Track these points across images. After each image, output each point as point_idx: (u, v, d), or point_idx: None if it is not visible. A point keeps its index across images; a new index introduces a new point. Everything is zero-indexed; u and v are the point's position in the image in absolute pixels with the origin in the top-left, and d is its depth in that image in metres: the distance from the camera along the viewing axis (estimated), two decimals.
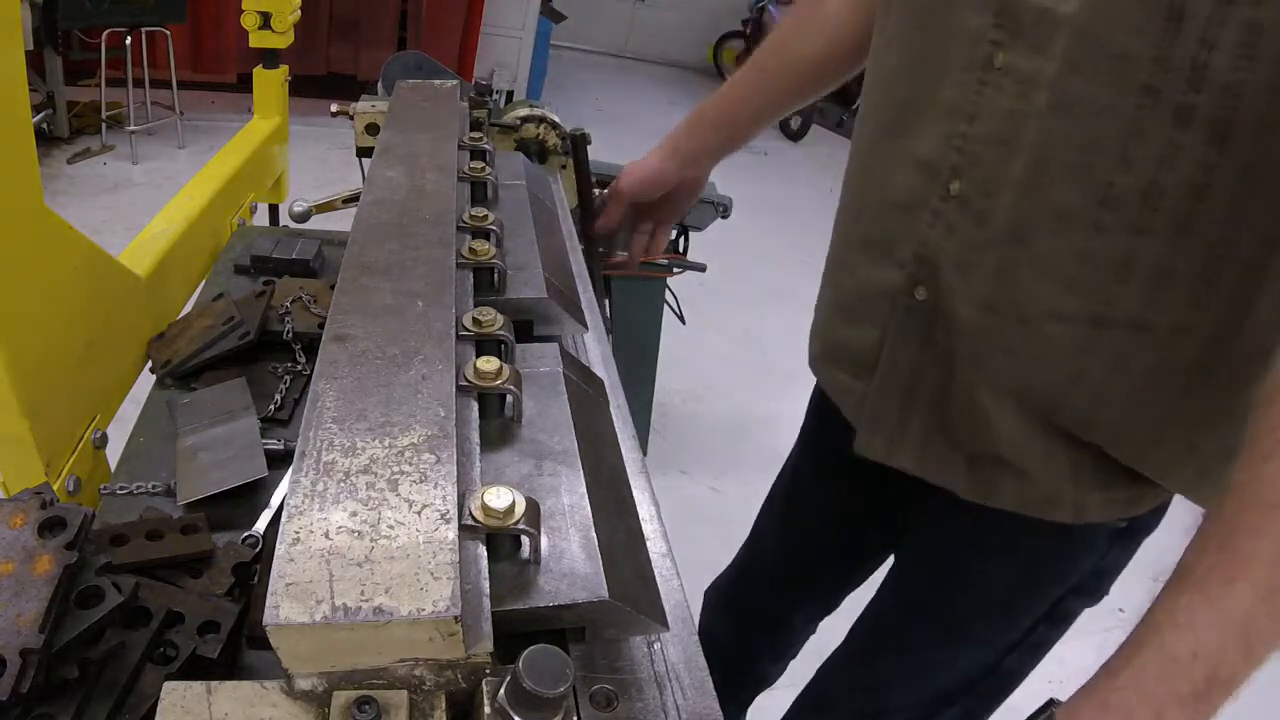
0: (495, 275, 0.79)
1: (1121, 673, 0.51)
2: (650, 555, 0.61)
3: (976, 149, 0.73)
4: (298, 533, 0.43)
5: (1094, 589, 0.89)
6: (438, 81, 1.22)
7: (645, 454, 0.89)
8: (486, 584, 0.46)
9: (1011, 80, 0.69)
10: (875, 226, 0.85)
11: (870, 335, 0.86)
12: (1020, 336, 0.73)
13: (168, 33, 3.96)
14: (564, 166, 1.47)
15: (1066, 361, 0.71)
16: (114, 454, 0.86)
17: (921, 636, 0.97)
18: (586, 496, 0.55)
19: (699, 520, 1.52)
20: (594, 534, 0.52)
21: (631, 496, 0.66)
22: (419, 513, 0.45)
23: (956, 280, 0.76)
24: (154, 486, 0.76)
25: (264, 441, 0.78)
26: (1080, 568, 0.86)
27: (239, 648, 0.59)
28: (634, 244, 1.32)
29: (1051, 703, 0.55)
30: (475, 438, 0.57)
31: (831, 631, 1.17)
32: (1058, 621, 0.91)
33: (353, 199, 1.44)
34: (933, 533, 0.96)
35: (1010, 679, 0.96)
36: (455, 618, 0.40)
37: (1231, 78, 0.58)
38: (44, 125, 3.83)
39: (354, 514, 0.44)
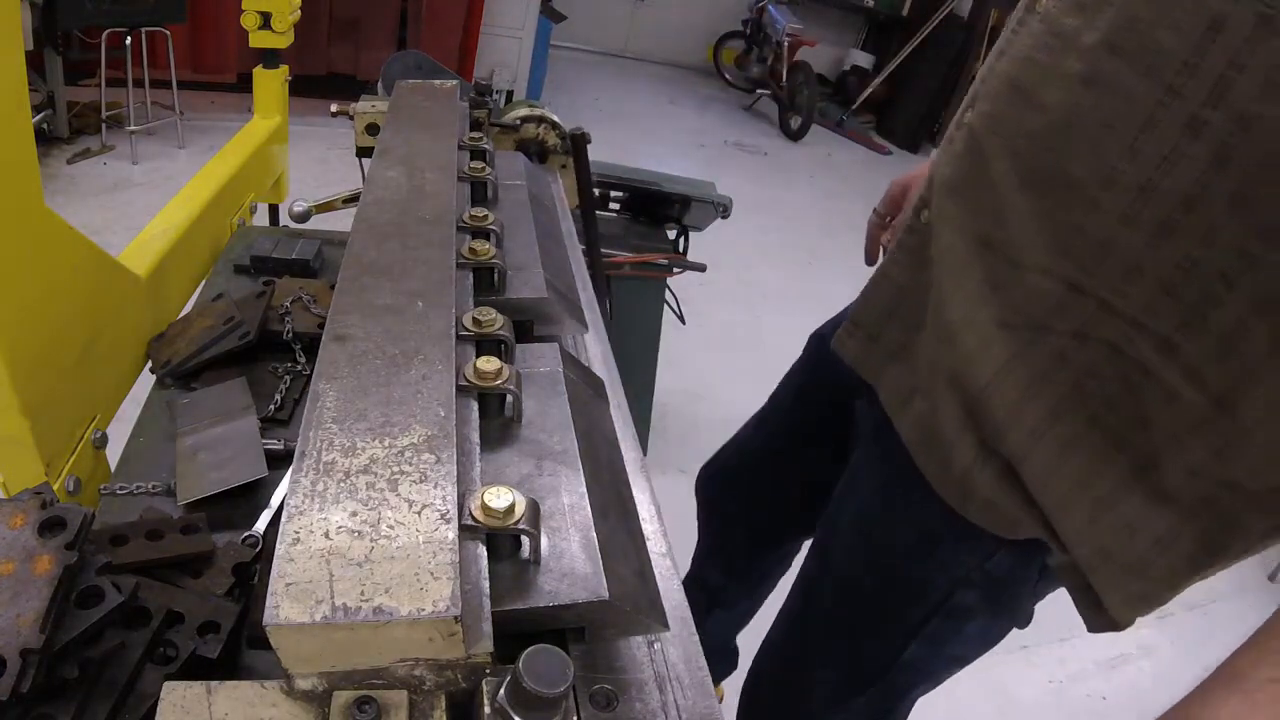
0: (495, 275, 0.79)
1: None
2: (650, 555, 0.61)
3: (994, 84, 0.74)
4: (298, 533, 0.43)
5: (988, 594, 0.88)
6: (438, 81, 1.22)
7: (645, 454, 0.89)
8: (486, 584, 0.46)
9: (1043, 28, 0.69)
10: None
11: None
12: (1004, 274, 0.75)
13: (168, 33, 3.95)
14: (564, 166, 1.47)
15: (1039, 310, 0.73)
16: (114, 454, 0.86)
17: (832, 598, 1.01)
18: (586, 496, 0.55)
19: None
20: (594, 534, 0.52)
21: (631, 496, 0.66)
22: (419, 513, 0.45)
23: (948, 206, 0.78)
24: (154, 486, 0.76)
25: (264, 441, 0.78)
26: (963, 560, 0.87)
27: (239, 648, 0.59)
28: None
29: None
30: (475, 438, 0.57)
31: None
32: (953, 616, 0.91)
33: (353, 199, 1.44)
34: (849, 490, 1.00)
35: (914, 673, 0.97)
36: (455, 618, 0.40)
37: (1247, 107, 0.57)
38: (44, 125, 3.83)
39: (354, 514, 0.44)
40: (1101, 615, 0.82)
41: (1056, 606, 0.91)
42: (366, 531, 0.43)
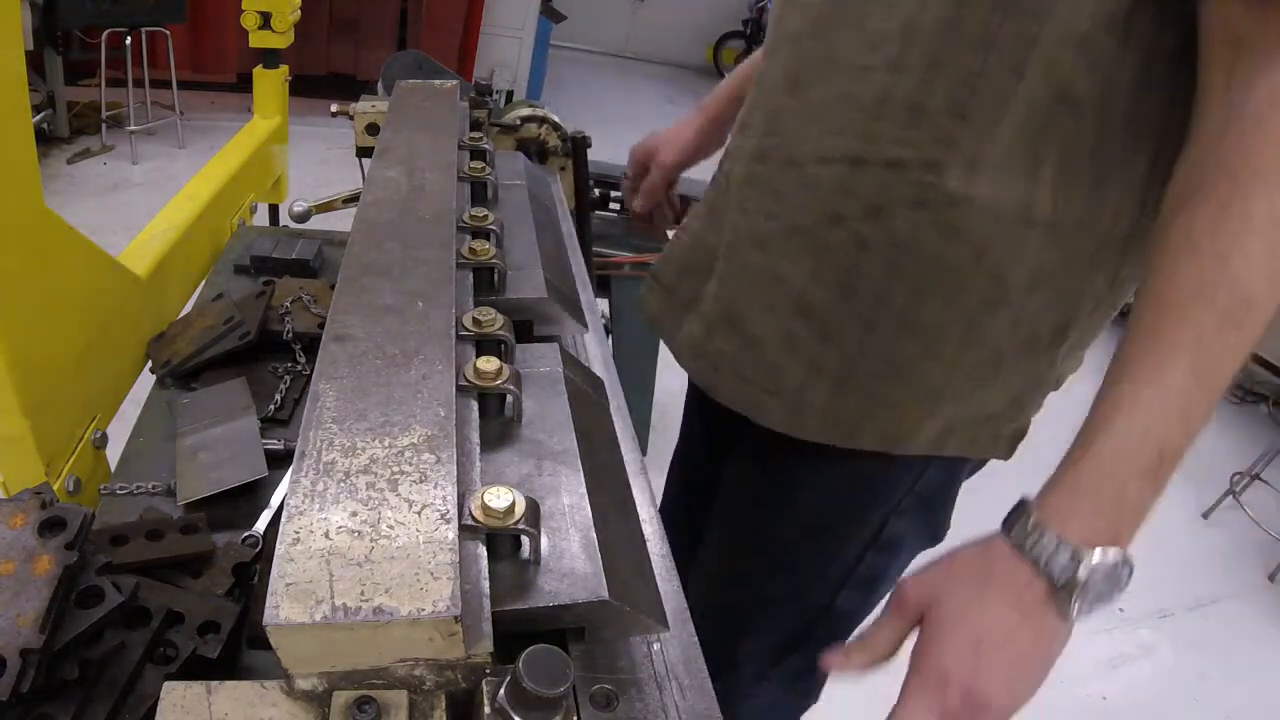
0: (495, 275, 0.79)
1: (1082, 461, 0.56)
2: (650, 555, 0.61)
3: (776, 12, 0.80)
4: (298, 533, 0.43)
5: (919, 516, 0.88)
6: (437, 81, 1.22)
7: (645, 454, 0.89)
8: (486, 584, 0.46)
9: None
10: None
11: None
12: (788, 179, 0.77)
13: (168, 33, 3.96)
14: (563, 168, 1.47)
15: (828, 202, 0.75)
16: (114, 454, 0.86)
17: (758, 569, 0.98)
18: (586, 496, 0.55)
19: None
20: (594, 534, 0.52)
21: (631, 496, 0.66)
22: (419, 513, 0.45)
23: (733, 142, 0.84)
24: (154, 486, 0.76)
25: (264, 441, 0.78)
26: (894, 489, 0.86)
27: (239, 648, 0.59)
28: (668, 213, 1.28)
29: (1022, 502, 0.59)
30: (475, 438, 0.57)
31: None
32: (886, 549, 0.90)
33: (353, 199, 1.45)
34: (748, 455, 0.97)
35: (848, 620, 0.96)
36: (455, 618, 0.40)
37: None
38: (44, 125, 3.83)
39: (354, 514, 0.44)
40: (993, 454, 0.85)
41: None
42: (366, 531, 0.43)
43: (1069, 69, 0.63)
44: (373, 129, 1.29)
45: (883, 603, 0.92)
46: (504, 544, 0.50)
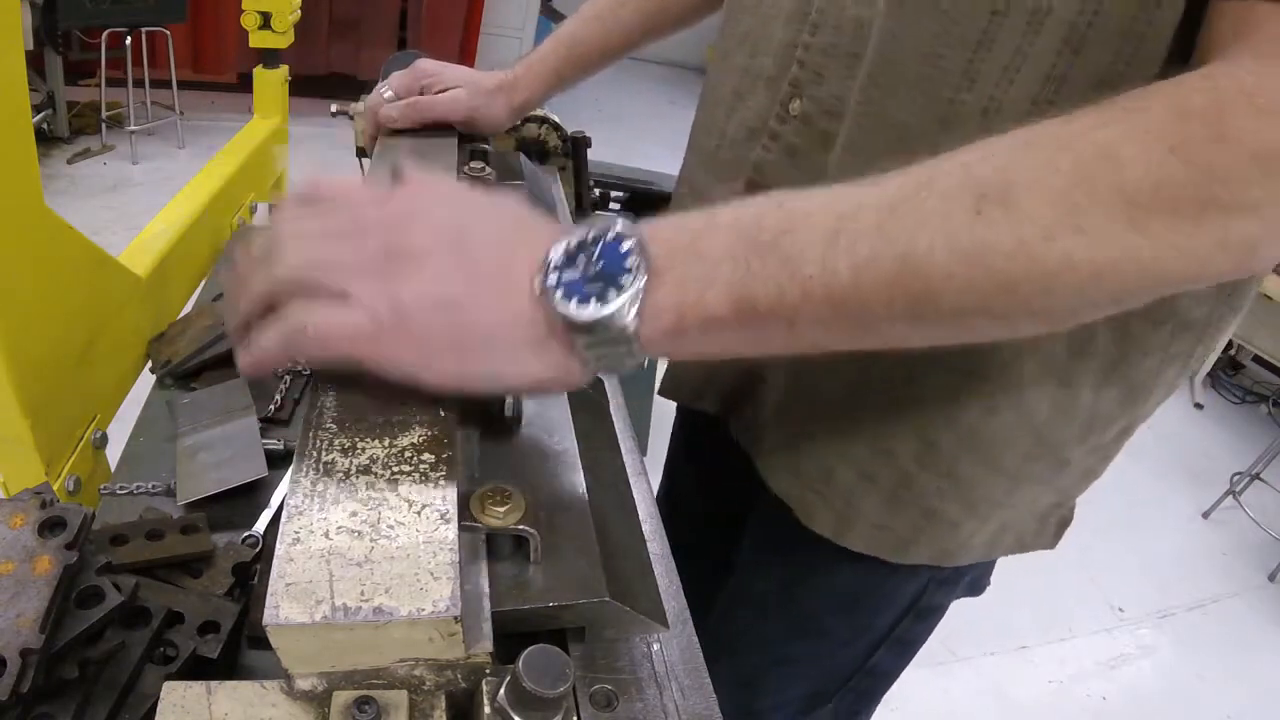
0: None
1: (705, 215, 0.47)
2: (650, 555, 0.61)
3: (820, 61, 0.65)
4: (297, 533, 0.43)
5: (956, 580, 0.84)
6: None
7: (645, 454, 0.89)
8: (486, 584, 0.46)
9: None
10: (726, 150, 0.80)
11: None
12: None
13: (168, 33, 3.96)
14: (563, 168, 1.47)
15: None
16: (114, 454, 0.86)
17: (778, 633, 0.92)
18: (586, 496, 0.55)
19: None
20: (594, 534, 0.52)
21: (631, 496, 0.66)
22: (419, 513, 0.45)
23: None
24: (154, 486, 0.76)
25: (264, 441, 0.78)
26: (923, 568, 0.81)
27: (239, 648, 0.59)
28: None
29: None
30: (475, 436, 0.57)
31: None
32: (923, 616, 0.85)
33: None
34: (768, 527, 0.89)
35: (883, 678, 0.92)
36: (455, 618, 0.40)
37: None
38: (44, 125, 3.83)
39: (354, 514, 0.44)
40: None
41: (1056, 606, 0.91)
42: (366, 531, 0.43)
43: None
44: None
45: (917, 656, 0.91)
46: (504, 544, 0.50)
